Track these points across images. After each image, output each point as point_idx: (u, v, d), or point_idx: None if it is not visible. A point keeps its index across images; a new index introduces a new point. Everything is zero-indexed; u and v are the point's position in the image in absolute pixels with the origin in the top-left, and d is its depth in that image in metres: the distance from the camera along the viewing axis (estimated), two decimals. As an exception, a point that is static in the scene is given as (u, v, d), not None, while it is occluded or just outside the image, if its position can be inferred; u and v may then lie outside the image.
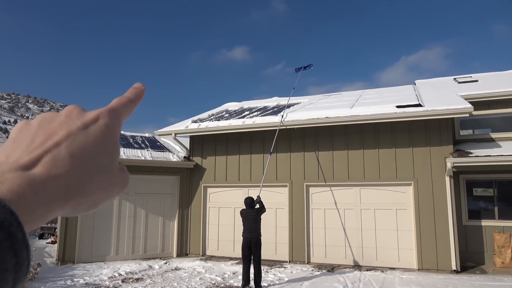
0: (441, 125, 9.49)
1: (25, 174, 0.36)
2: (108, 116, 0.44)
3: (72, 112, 0.44)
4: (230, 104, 16.83)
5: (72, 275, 8.72)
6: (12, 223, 0.32)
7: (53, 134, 0.41)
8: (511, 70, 14.12)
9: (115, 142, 0.45)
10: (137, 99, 0.51)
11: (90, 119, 0.43)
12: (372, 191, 9.99)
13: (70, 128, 0.41)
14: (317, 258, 10.21)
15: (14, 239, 0.31)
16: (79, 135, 0.41)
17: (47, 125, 0.42)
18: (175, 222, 11.74)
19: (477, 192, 10.38)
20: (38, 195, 0.36)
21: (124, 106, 0.49)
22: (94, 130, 0.42)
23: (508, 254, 9.22)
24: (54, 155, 0.39)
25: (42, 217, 0.37)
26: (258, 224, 7.75)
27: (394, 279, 8.10)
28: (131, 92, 0.51)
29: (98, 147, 0.42)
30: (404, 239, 9.48)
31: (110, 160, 0.43)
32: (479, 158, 8.73)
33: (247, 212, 7.82)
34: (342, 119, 9.88)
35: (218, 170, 11.78)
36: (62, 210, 0.39)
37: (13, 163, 0.37)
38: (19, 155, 0.39)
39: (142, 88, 0.52)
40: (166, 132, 11.96)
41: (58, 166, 0.39)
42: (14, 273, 0.31)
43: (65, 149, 0.40)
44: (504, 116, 10.84)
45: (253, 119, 11.14)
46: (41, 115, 0.45)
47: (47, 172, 0.38)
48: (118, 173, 0.45)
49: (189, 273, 9.05)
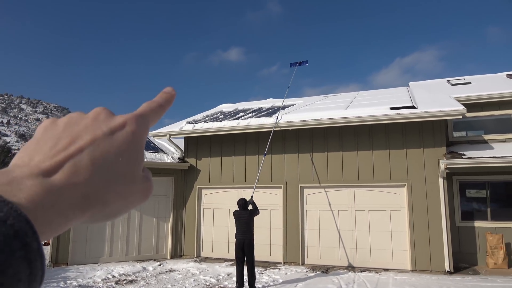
0: (434, 127, 9.55)
1: (44, 181, 0.35)
2: (136, 123, 0.43)
3: (99, 115, 0.42)
4: (225, 105, 16.82)
5: (65, 277, 8.66)
6: (28, 232, 0.30)
7: (78, 138, 0.39)
8: (503, 73, 14.27)
9: (140, 150, 0.43)
10: (167, 104, 0.49)
11: (117, 125, 0.42)
12: (366, 192, 10.03)
13: (96, 133, 0.40)
14: (311, 259, 10.23)
15: (29, 249, 0.30)
16: (103, 141, 0.40)
17: (73, 127, 0.41)
18: (169, 223, 11.70)
19: (470, 193, 10.46)
20: (56, 205, 0.35)
21: (153, 111, 0.47)
22: (120, 137, 0.41)
23: (501, 255, 9.30)
24: (76, 162, 0.37)
25: (58, 227, 0.36)
26: (251, 225, 7.75)
27: (388, 280, 8.14)
28: (161, 97, 0.49)
29: (121, 155, 0.40)
30: (398, 240, 9.53)
31: (133, 168, 0.41)
32: (472, 159, 8.81)
33: (240, 213, 7.82)
34: (336, 120, 9.91)
35: (212, 172, 11.76)
36: (79, 220, 0.38)
37: (34, 167, 0.36)
38: (41, 158, 0.37)
39: (173, 92, 0.50)
40: (160, 133, 11.93)
41: (78, 174, 0.37)
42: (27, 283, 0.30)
43: (87, 155, 0.38)
44: (497, 118, 10.94)
45: (247, 121, 11.15)
46: (69, 115, 0.43)
47: (67, 180, 0.36)
48: (141, 182, 0.43)
49: (183, 275, 9.02)
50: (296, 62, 12.96)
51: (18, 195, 0.33)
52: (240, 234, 7.70)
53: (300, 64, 12.91)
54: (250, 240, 7.67)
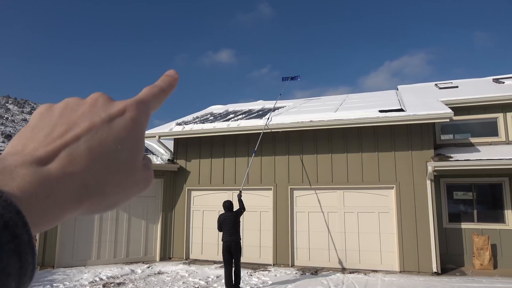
0: (422, 130, 9.67)
1: (38, 170, 0.33)
2: (136, 109, 0.41)
3: (97, 101, 0.40)
4: (215, 107, 16.79)
5: (52, 280, 8.52)
6: (18, 223, 0.29)
7: (74, 125, 0.37)
8: (490, 77, 14.51)
9: (140, 137, 0.41)
10: (170, 88, 0.47)
11: (116, 111, 0.40)
12: (355, 194, 10.10)
13: (93, 120, 0.38)
14: (301, 261, 10.25)
15: (19, 241, 0.29)
16: (102, 128, 0.38)
17: (69, 114, 0.39)
18: (158, 225, 11.61)
19: (457, 195, 10.61)
20: (51, 195, 0.33)
21: (155, 96, 0.45)
22: (119, 124, 0.39)
23: (487, 256, 9.44)
24: (72, 150, 0.36)
25: (53, 219, 0.34)
26: (237, 226, 7.77)
27: (376, 281, 8.20)
28: (163, 80, 0.47)
29: (120, 143, 0.38)
30: (387, 242, 9.61)
31: (133, 157, 0.40)
32: (459, 162, 8.94)
33: (225, 216, 7.82)
34: (326, 123, 9.97)
35: (202, 173, 11.71)
36: (75, 211, 0.36)
37: (27, 155, 0.34)
38: (35, 146, 0.35)
39: (176, 76, 0.48)
40: (149, 134, 11.84)
41: (75, 163, 0.35)
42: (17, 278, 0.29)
43: (84, 143, 0.36)
44: (483, 122, 11.12)
45: (238, 122, 11.14)
46: (65, 100, 0.41)
47: (62, 169, 0.34)
48: (141, 171, 0.41)
49: (172, 277, 8.96)
50: (288, 77, 13.46)
51: (10, 185, 0.31)
52: (227, 236, 7.69)
53: (292, 78, 13.42)
54: (237, 242, 7.69)
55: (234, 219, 7.74)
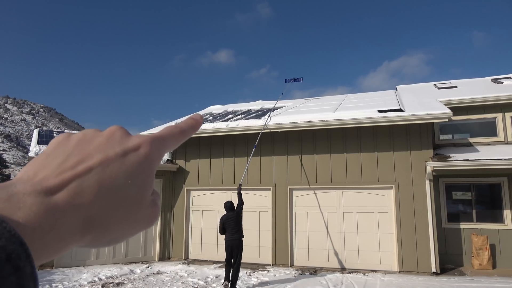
0: (421, 130, 9.68)
1: (46, 201, 0.33)
2: (150, 146, 0.41)
3: (114, 134, 0.41)
4: (214, 107, 16.79)
5: (51, 280, 8.52)
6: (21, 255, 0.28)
7: (88, 156, 0.37)
8: (489, 77, 14.53)
9: (151, 174, 0.41)
10: (191, 130, 0.48)
11: (131, 146, 0.40)
12: (354, 194, 10.11)
13: (107, 153, 0.38)
14: (300, 261, 10.25)
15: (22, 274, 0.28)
16: (114, 162, 0.38)
17: (85, 145, 0.39)
18: (157, 225, 11.61)
19: (456, 195, 10.62)
20: (56, 227, 0.33)
21: (173, 136, 0.45)
22: (132, 159, 0.39)
23: (486, 256, 9.45)
24: (82, 182, 0.36)
25: (53, 252, 0.33)
26: (240, 225, 7.88)
27: (375, 281, 8.20)
28: (186, 123, 0.48)
29: (131, 178, 0.38)
30: (386, 242, 9.61)
31: (141, 193, 0.39)
32: (458, 162, 8.94)
33: (228, 216, 7.93)
34: (325, 123, 9.98)
35: (201, 173, 11.72)
36: (77, 244, 0.36)
37: (37, 183, 0.34)
38: (46, 174, 0.35)
39: (200, 120, 0.49)
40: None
41: (83, 195, 0.35)
42: None
43: (95, 176, 0.36)
44: (482, 122, 11.13)
45: (237, 122, 11.14)
46: (84, 131, 0.42)
47: (69, 201, 0.34)
48: (147, 207, 0.40)
49: (171, 277, 8.96)
50: (291, 79, 13.77)
51: (16, 214, 0.31)
52: (229, 235, 7.81)
53: (294, 80, 13.74)
54: (240, 241, 7.81)
55: (236, 217, 7.85)
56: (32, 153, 9.94)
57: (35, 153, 9.99)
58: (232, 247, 7.77)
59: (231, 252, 7.78)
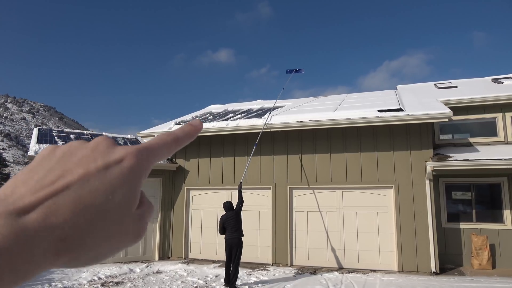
0: (421, 130, 9.67)
1: (16, 222, 0.31)
2: (136, 158, 0.39)
3: (98, 145, 0.39)
4: (214, 106, 16.78)
5: (50, 279, 8.51)
6: None
7: (68, 172, 0.36)
8: (489, 77, 14.53)
9: (136, 187, 0.39)
10: (186, 138, 0.45)
11: (114, 159, 0.38)
12: (354, 194, 10.10)
13: (89, 168, 0.36)
14: (299, 261, 10.25)
15: None
16: (95, 177, 0.36)
17: (68, 158, 0.38)
18: (157, 224, 11.61)
19: (456, 195, 10.61)
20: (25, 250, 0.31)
21: (165, 144, 0.43)
22: (114, 173, 0.37)
23: (485, 256, 9.44)
24: (58, 199, 0.34)
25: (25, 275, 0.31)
26: (239, 223, 7.96)
27: (375, 281, 8.20)
28: (183, 130, 0.45)
29: (112, 193, 0.36)
30: (385, 242, 9.61)
31: (123, 208, 0.37)
32: (458, 162, 8.93)
33: (227, 215, 8.00)
34: (325, 122, 9.96)
35: (201, 173, 11.71)
36: (52, 265, 0.33)
37: (11, 203, 0.33)
38: (23, 192, 0.34)
39: (199, 126, 0.46)
40: (148, 133, 11.83)
41: (58, 214, 0.33)
42: None
43: (73, 193, 0.34)
44: (482, 121, 11.12)
45: (237, 122, 11.13)
46: (70, 143, 0.40)
47: (43, 221, 0.32)
48: (131, 222, 0.38)
49: (171, 277, 8.95)
50: (292, 70, 13.29)
51: None
52: (229, 234, 7.88)
53: (296, 71, 13.28)
54: (240, 239, 7.88)
55: (235, 217, 7.94)
56: (32, 152, 9.93)
57: (34, 151, 9.97)
58: (231, 245, 7.85)
59: (231, 251, 7.83)
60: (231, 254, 7.84)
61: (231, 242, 7.84)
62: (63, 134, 13.26)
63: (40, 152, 0.40)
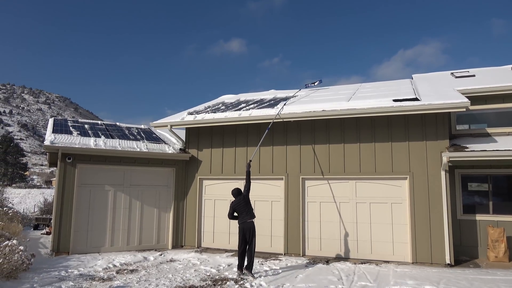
0: (437, 120, 9.48)
1: None
2: None
3: None
4: (226, 97, 16.74)
5: (67, 266, 8.69)
6: None
7: None
8: (508, 65, 14.13)
9: None
10: None
11: None
12: (367, 184, 10.00)
13: None
14: (312, 251, 10.24)
15: None
16: None
17: None
18: (170, 214, 11.73)
19: (471, 186, 10.42)
20: None
21: None
22: None
23: (502, 248, 9.28)
24: None
25: None
26: (249, 206, 8.05)
27: (388, 272, 8.14)
28: None
29: None
30: (399, 233, 9.52)
31: None
32: (475, 152, 8.74)
33: (237, 201, 8.10)
34: (338, 112, 9.84)
35: (214, 163, 11.74)
36: None
37: None
38: None
39: None
40: (161, 124, 11.89)
41: None
42: None
43: None
44: (501, 111, 10.84)
45: (249, 112, 11.09)
46: None
47: None
48: None
49: (184, 265, 9.05)
50: (310, 83, 15.21)
51: None
52: (241, 218, 7.98)
53: (313, 84, 15.15)
54: (252, 222, 7.96)
55: (244, 201, 8.05)
56: (48, 142, 10.08)
57: (50, 141, 10.12)
58: (244, 229, 7.91)
59: (244, 237, 7.90)
60: (244, 238, 7.91)
61: (243, 226, 7.92)
62: (78, 124, 13.43)
63: None
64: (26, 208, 28.27)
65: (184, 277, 7.76)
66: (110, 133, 12.52)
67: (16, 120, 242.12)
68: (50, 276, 7.71)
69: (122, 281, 7.43)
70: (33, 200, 36.37)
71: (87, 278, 7.69)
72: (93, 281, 7.46)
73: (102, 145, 10.87)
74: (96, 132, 12.37)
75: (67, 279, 7.55)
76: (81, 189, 10.48)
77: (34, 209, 27.72)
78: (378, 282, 7.22)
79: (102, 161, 10.80)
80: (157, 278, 7.71)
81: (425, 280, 7.28)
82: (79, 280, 7.51)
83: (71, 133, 11.59)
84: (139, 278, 7.69)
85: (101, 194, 10.78)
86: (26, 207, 29.87)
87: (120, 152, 10.90)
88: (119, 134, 12.53)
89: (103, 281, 7.47)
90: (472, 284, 6.96)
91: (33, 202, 34.13)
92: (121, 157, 11.03)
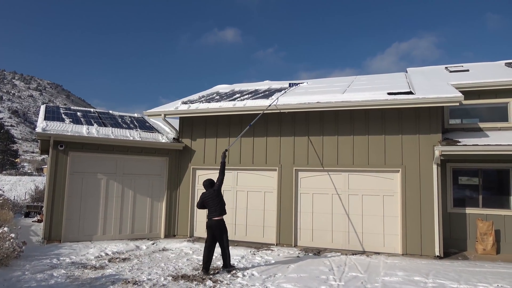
0: (431, 113, 9.53)
1: None
2: None
3: None
4: (221, 86, 16.66)
5: (58, 254, 8.67)
6: None
7: None
8: (502, 61, 14.21)
9: None
10: None
11: None
12: (360, 177, 10.07)
13: None
14: (304, 242, 10.33)
15: None
16: None
17: None
18: (163, 203, 11.72)
19: (462, 180, 10.54)
20: None
21: None
22: None
23: (490, 241, 9.44)
24: None
25: None
26: (220, 202, 7.34)
27: (378, 263, 8.25)
28: None
29: None
30: (390, 225, 9.63)
31: None
32: (467, 147, 8.83)
33: (207, 194, 7.44)
34: (333, 104, 9.85)
35: (207, 152, 11.72)
36: None
37: None
38: None
39: None
40: (155, 112, 11.81)
41: None
42: None
43: None
44: (493, 106, 10.94)
45: (244, 102, 11.05)
46: None
47: None
48: None
49: (177, 254, 9.08)
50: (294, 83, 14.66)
51: None
52: (209, 214, 7.34)
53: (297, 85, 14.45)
54: (218, 221, 7.27)
55: (215, 195, 7.37)
56: (39, 129, 9.97)
57: (42, 128, 10.01)
58: (212, 227, 7.23)
59: (211, 234, 7.23)
60: (213, 237, 7.23)
61: (210, 223, 7.25)
62: (70, 111, 13.29)
63: None
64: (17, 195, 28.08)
65: (177, 266, 7.79)
66: (103, 121, 12.42)
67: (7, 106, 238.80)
68: (41, 263, 7.69)
69: (114, 270, 7.43)
70: (24, 188, 36.10)
71: (79, 266, 7.68)
72: (85, 269, 7.45)
73: (94, 133, 10.78)
74: (89, 120, 12.25)
75: (58, 267, 7.53)
76: (73, 177, 10.41)
77: (25, 196, 27.51)
78: (368, 273, 7.31)
79: (95, 149, 10.72)
80: (150, 266, 7.72)
81: (414, 272, 7.39)
82: (71, 268, 7.49)
83: (63, 120, 11.47)
84: (131, 267, 7.70)
85: (93, 183, 10.72)
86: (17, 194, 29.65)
87: (113, 141, 10.82)
88: (112, 122, 12.43)
89: (95, 269, 7.46)
90: (460, 276, 7.08)
91: (24, 189, 33.88)
92: (114, 146, 10.96)
